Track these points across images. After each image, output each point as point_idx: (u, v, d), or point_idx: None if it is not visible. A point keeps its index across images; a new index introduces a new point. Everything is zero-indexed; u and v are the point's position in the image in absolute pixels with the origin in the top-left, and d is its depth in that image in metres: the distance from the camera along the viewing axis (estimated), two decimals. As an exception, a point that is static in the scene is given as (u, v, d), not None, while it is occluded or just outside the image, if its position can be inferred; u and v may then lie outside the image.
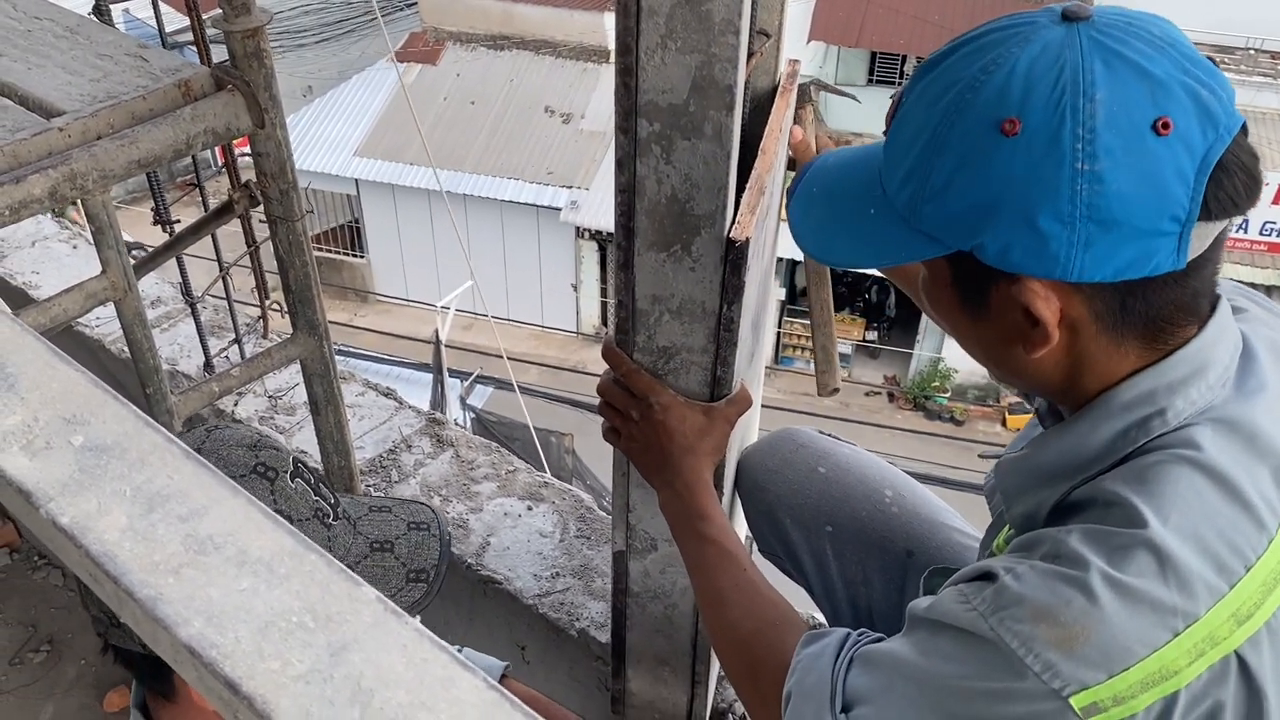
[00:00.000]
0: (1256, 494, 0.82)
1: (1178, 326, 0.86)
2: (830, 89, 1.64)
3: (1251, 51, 14.86)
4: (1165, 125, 0.76)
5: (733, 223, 1.12)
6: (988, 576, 0.84)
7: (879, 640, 0.96)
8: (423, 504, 1.24)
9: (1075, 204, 0.77)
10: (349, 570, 0.57)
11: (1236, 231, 13.77)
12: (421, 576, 1.17)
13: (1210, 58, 0.81)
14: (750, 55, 1.27)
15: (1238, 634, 0.79)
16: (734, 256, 1.11)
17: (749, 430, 1.61)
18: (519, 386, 6.62)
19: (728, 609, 1.13)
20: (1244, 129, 0.80)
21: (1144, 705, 0.77)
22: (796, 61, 1.47)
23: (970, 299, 0.89)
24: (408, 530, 1.19)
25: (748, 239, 1.10)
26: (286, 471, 1.07)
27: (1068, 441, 0.89)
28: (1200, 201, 0.78)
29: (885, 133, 0.91)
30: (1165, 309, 0.84)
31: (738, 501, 1.57)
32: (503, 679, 1.46)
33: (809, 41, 14.23)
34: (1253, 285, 1.43)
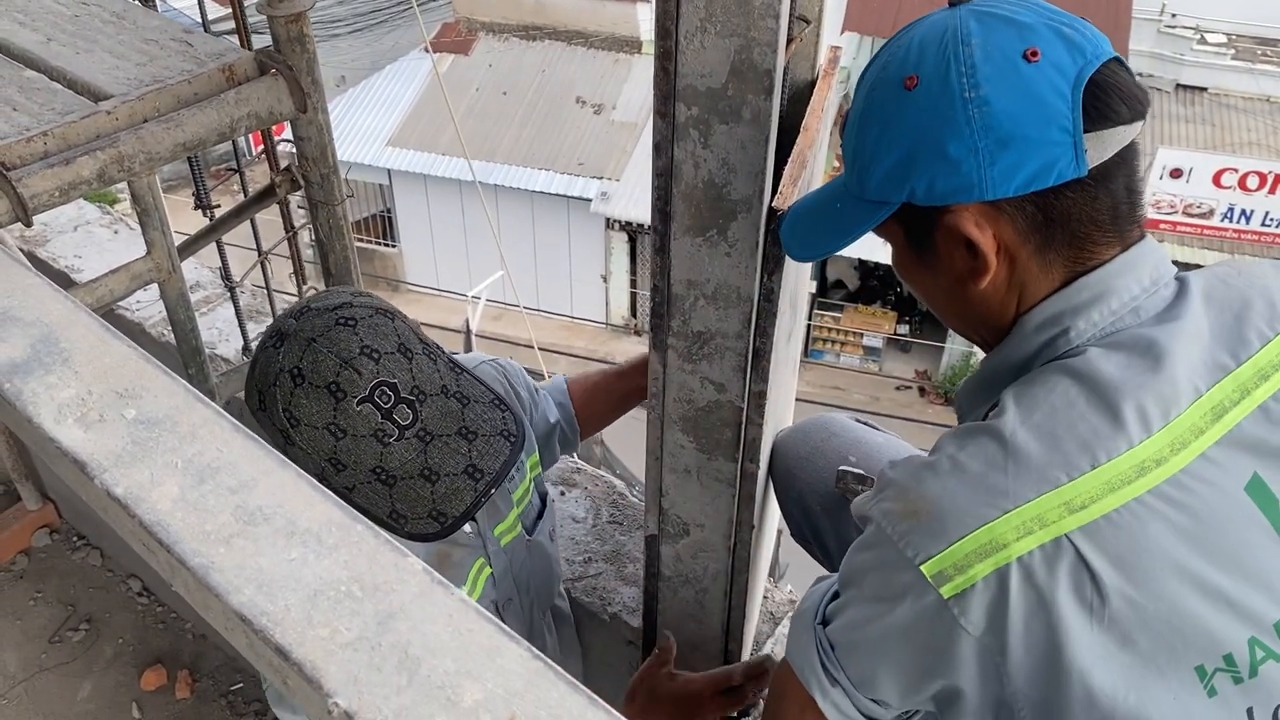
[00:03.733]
0: (1132, 404, 0.89)
1: (1097, 245, 0.95)
2: None
3: (1295, 43, 14.58)
4: (1034, 54, 0.90)
5: (770, 205, 1.12)
6: None
7: None
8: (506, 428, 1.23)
9: (972, 127, 0.90)
10: (394, 542, 0.58)
11: (1267, 225, 13.55)
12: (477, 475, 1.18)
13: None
14: (790, 41, 1.26)
15: (1068, 520, 0.86)
16: (775, 228, 1.11)
17: (784, 415, 1.61)
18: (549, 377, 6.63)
19: None
20: (1117, 60, 0.92)
21: (981, 575, 0.87)
22: (838, 48, 1.46)
23: (923, 251, 1.00)
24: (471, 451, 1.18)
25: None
26: (356, 397, 1.12)
27: (994, 360, 1.02)
28: (1080, 113, 0.89)
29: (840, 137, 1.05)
30: (1083, 225, 0.93)
31: (771, 487, 1.57)
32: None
33: (843, 32, 14.12)
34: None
